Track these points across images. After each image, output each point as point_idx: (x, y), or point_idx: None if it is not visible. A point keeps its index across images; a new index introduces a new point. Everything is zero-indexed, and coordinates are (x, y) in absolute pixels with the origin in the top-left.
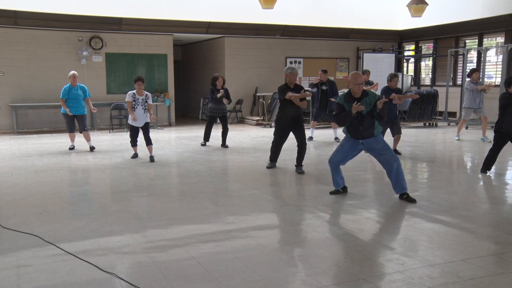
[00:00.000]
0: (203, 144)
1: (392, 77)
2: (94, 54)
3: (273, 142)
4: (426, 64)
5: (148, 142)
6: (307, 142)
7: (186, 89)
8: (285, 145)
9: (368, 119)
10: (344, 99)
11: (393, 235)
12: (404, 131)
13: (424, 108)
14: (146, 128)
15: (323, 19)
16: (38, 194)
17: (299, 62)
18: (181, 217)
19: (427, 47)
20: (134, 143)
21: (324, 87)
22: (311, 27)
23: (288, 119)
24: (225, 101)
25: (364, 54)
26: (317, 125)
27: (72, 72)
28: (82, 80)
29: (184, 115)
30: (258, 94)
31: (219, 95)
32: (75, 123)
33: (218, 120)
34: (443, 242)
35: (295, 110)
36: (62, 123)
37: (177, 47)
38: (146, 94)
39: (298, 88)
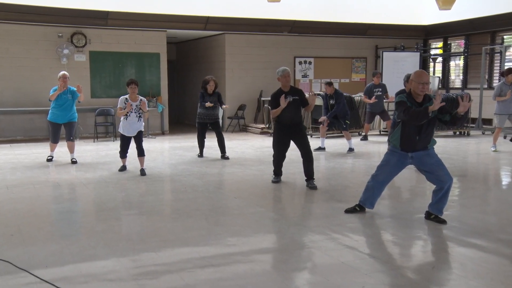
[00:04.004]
0: (200, 155)
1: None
2: (76, 53)
3: (273, 155)
4: (456, 64)
5: (141, 153)
6: (317, 152)
7: (181, 93)
8: (293, 157)
9: (428, 127)
10: (408, 100)
11: (419, 261)
12: None
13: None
14: (139, 138)
15: (336, 14)
16: (9, 213)
17: (310, 63)
18: (175, 238)
19: (457, 45)
20: (123, 154)
21: (331, 101)
22: (323, 23)
23: (286, 128)
24: (224, 106)
25: (384, 53)
26: (328, 134)
27: (62, 72)
28: None
29: (179, 122)
30: (263, 98)
31: (207, 104)
32: (60, 133)
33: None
34: (478, 271)
35: (292, 117)
36: (39, 131)
37: (171, 45)
38: (141, 100)
39: (295, 92)
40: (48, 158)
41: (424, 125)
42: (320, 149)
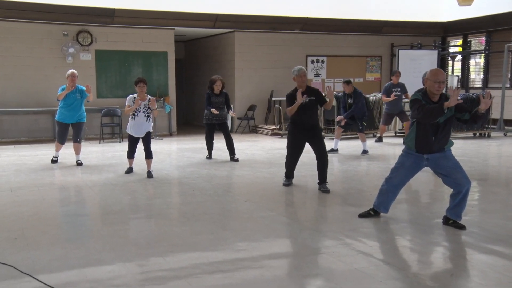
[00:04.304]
0: (208, 157)
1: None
2: (82, 51)
3: (286, 157)
4: (477, 62)
5: (148, 155)
6: (330, 154)
7: (189, 93)
8: (305, 159)
9: (445, 128)
10: (423, 99)
11: (437, 268)
12: None
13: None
14: (147, 139)
15: (350, 11)
16: (13, 216)
17: (322, 61)
18: (183, 242)
19: (477, 42)
20: (131, 154)
21: (350, 101)
22: (336, 20)
23: (301, 130)
24: (231, 113)
25: (400, 51)
26: (343, 135)
27: (71, 71)
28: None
29: (188, 123)
30: (273, 98)
31: (212, 110)
32: (67, 134)
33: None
34: (500, 279)
35: (308, 119)
36: (43, 132)
37: (179, 43)
38: (149, 99)
39: (311, 92)
40: (53, 159)
41: (440, 125)
42: (333, 151)
